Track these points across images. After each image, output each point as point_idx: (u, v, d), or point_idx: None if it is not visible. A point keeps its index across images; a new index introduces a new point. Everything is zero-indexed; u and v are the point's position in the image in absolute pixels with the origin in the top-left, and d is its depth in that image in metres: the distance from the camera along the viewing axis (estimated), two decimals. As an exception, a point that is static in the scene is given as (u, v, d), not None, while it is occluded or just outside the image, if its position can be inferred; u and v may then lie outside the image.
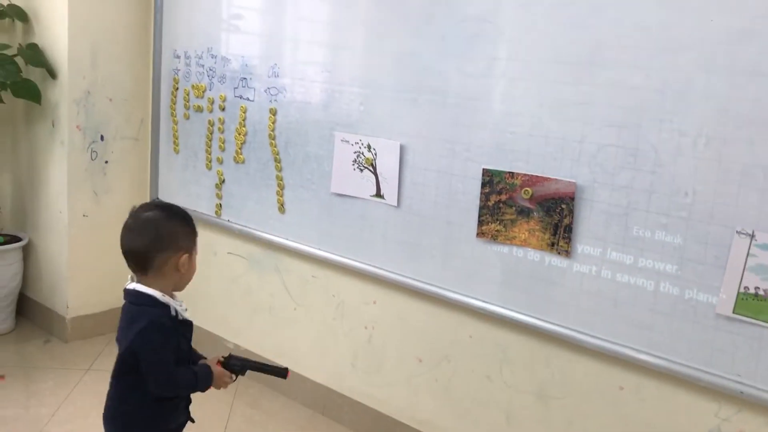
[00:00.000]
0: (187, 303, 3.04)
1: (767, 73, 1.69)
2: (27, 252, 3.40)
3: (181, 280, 1.76)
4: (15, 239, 3.34)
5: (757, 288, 1.74)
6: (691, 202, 1.82)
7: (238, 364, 1.87)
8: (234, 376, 1.87)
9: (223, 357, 1.87)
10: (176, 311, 1.71)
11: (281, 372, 1.94)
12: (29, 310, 3.47)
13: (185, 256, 1.72)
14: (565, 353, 2.14)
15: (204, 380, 1.77)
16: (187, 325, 1.79)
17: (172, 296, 1.74)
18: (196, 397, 1.84)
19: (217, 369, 1.82)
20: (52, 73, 3.10)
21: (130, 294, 1.70)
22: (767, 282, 1.72)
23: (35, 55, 3.09)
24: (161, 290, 1.70)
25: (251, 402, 2.90)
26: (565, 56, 2.00)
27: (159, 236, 1.69)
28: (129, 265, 1.71)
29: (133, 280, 1.71)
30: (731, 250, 1.76)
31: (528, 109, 2.08)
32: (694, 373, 1.87)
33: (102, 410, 1.77)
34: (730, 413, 1.86)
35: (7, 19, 3.22)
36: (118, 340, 1.71)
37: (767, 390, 1.76)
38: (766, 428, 1.81)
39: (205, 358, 1.87)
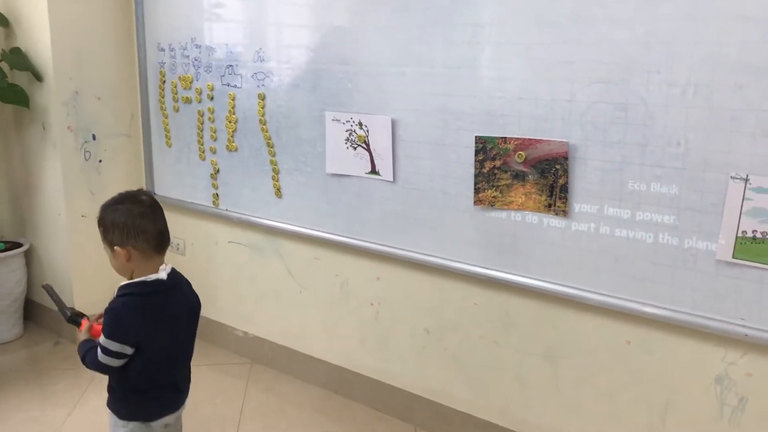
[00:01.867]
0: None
1: (752, 17, 1.69)
2: (29, 257, 3.41)
3: None
4: (16, 245, 3.34)
5: (754, 231, 1.75)
6: (684, 152, 1.83)
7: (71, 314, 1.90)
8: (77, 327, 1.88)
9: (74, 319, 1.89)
10: None
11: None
12: (36, 314, 3.49)
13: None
14: (571, 312, 2.16)
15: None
16: None
17: None
18: (209, 386, 1.88)
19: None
20: (38, 77, 3.09)
21: (176, 274, 1.82)
22: (764, 224, 1.73)
23: (19, 59, 3.08)
24: None
25: (265, 387, 2.92)
26: (547, 16, 1.99)
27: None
28: (161, 248, 1.77)
29: (164, 265, 1.78)
30: (727, 196, 1.77)
31: (516, 72, 2.08)
32: (699, 320, 1.89)
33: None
34: (736, 357, 1.88)
35: (-13, 26, 3.20)
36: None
37: (771, 331, 1.78)
38: (773, 368, 1.84)
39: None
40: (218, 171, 3.00)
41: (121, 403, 1.80)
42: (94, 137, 3.23)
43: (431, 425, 2.58)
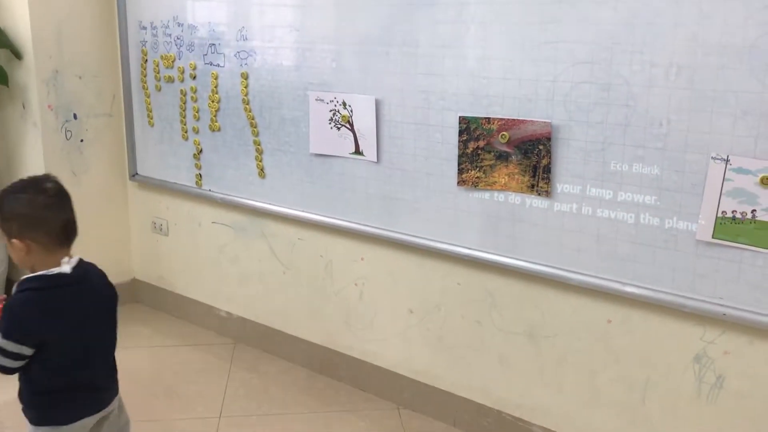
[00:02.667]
0: (177, 276, 3.06)
1: (733, -3, 1.69)
2: (10, 238, 3.37)
3: None
4: (-3, 226, 3.31)
5: (734, 211, 1.76)
6: (666, 132, 1.84)
7: None
8: None
9: None
10: None
11: None
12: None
13: None
14: (552, 292, 2.18)
15: None
16: None
17: None
18: (193, 365, 1.84)
19: None
20: (17, 54, 3.04)
21: (83, 265, 1.69)
22: (744, 205, 1.75)
23: (-2, 36, 3.03)
24: None
25: (249, 366, 2.93)
26: (532, -4, 1.99)
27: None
28: (66, 241, 1.66)
29: (67, 258, 1.65)
30: (707, 176, 1.79)
31: (499, 52, 2.08)
32: (679, 300, 1.91)
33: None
34: (715, 335, 1.91)
35: (-35, 2, 3.14)
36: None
37: (748, 310, 1.81)
38: (749, 347, 1.86)
39: None
40: (201, 151, 2.98)
41: (31, 408, 1.67)
42: (75, 116, 3.19)
43: (414, 404, 2.60)
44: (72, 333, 1.63)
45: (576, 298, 2.13)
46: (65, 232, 1.64)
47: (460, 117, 2.18)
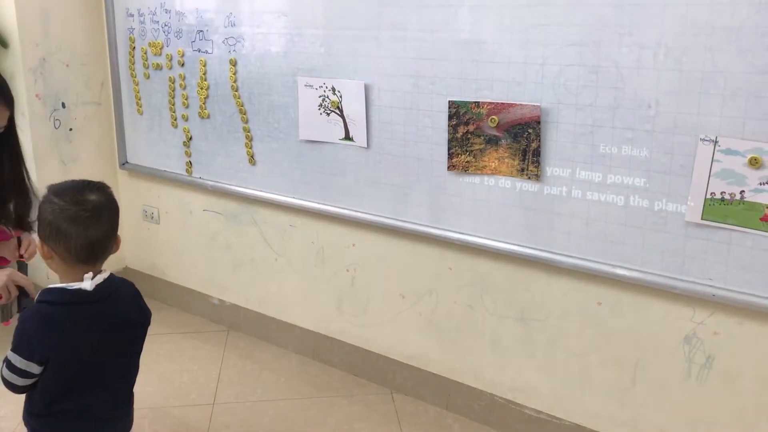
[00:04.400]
0: (169, 264, 3.04)
1: (721, -23, 1.69)
2: (1, 228, 3.36)
3: None
4: (-13, 216, 3.29)
5: (723, 193, 1.77)
6: (655, 114, 1.83)
7: None
8: None
9: None
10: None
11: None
12: (10, 286, 3.45)
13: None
14: (543, 276, 2.18)
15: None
16: None
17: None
18: (186, 352, 1.79)
19: None
20: (3, 43, 3.01)
21: (112, 284, 1.57)
22: (732, 186, 1.75)
23: (-17, 25, 2.99)
24: None
25: (242, 353, 2.94)
26: (521, -22, 1.98)
27: (116, 220, 1.56)
28: (87, 260, 1.52)
29: (92, 274, 1.52)
30: (696, 158, 1.79)
31: (488, 35, 2.07)
32: (668, 281, 1.92)
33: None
34: (704, 316, 1.92)
35: (-51, -9, 3.11)
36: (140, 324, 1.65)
37: (737, 291, 1.82)
38: (738, 327, 1.87)
39: None
40: (191, 138, 2.97)
41: (28, 428, 1.57)
42: (63, 105, 3.16)
43: (407, 389, 2.61)
44: (81, 355, 1.52)
45: (566, 280, 2.14)
46: (87, 251, 1.49)
47: (449, 101, 2.17)
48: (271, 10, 2.55)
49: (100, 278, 1.52)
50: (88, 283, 1.49)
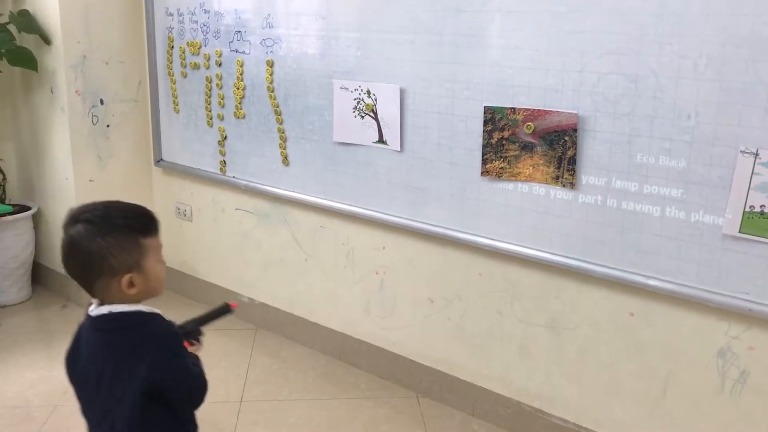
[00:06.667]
0: (200, 261, 3.02)
1: (766, -12, 1.66)
2: (37, 220, 3.43)
3: (145, 293, 1.39)
4: (24, 209, 3.37)
5: (762, 206, 1.74)
6: (694, 125, 1.82)
7: (192, 331, 1.64)
8: (196, 342, 1.63)
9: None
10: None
11: (225, 309, 1.72)
12: (44, 278, 3.53)
13: (127, 276, 1.34)
14: (574, 284, 2.17)
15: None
16: None
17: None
18: (214, 350, 1.78)
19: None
20: (46, 39, 3.08)
21: (103, 320, 1.36)
22: (772, 199, 1.72)
23: (27, 21, 3.06)
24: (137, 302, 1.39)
25: (270, 352, 2.96)
26: (560, -15, 1.97)
27: (89, 261, 1.32)
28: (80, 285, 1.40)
29: (97, 303, 1.39)
30: (735, 170, 1.77)
31: (526, 42, 2.06)
32: (703, 294, 1.89)
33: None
34: (739, 331, 1.89)
35: (-5, -12, 3.19)
36: (103, 379, 1.36)
37: (775, 306, 1.79)
38: (775, 342, 1.85)
39: None
40: (225, 138, 3.00)
41: None
42: (102, 102, 3.22)
43: (433, 393, 2.61)
44: (78, 391, 1.44)
45: (598, 290, 2.12)
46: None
47: (485, 107, 2.17)
48: (308, 12, 2.57)
49: (103, 309, 1.37)
50: (92, 307, 1.40)
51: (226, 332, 3.12)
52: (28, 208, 3.37)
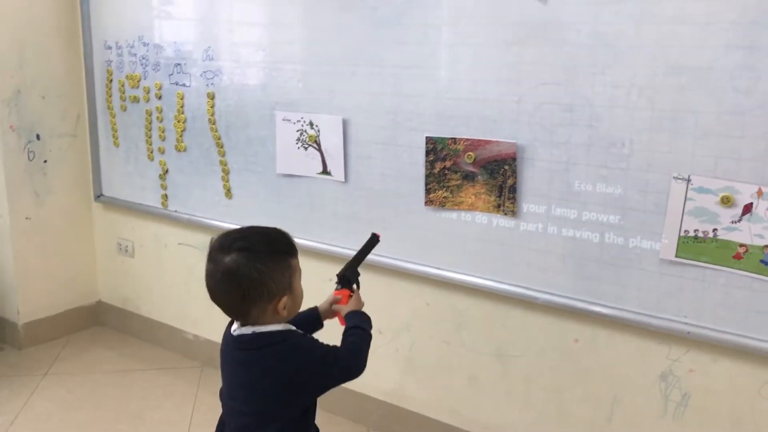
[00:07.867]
0: (143, 298, 2.97)
1: (690, 20, 1.72)
2: (-30, 260, 3.29)
3: (292, 312, 1.53)
4: (-44, 248, 3.23)
5: (696, 230, 1.78)
6: (629, 153, 1.85)
7: (351, 276, 1.80)
8: (356, 286, 1.78)
9: (336, 283, 1.80)
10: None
11: (374, 240, 1.85)
12: (-21, 320, 3.38)
13: (284, 299, 1.46)
14: (520, 312, 2.18)
15: (363, 316, 1.71)
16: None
17: None
18: (156, 391, 1.79)
19: (348, 299, 1.74)
20: (-22, 74, 2.99)
21: (243, 341, 1.49)
22: (705, 224, 1.77)
23: (-42, 56, 2.97)
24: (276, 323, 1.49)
25: (216, 391, 2.85)
26: (496, 18, 2.00)
27: (249, 288, 1.43)
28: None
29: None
30: (669, 196, 1.81)
31: (465, 74, 2.09)
32: (644, 319, 1.92)
33: (62, 414, 1.68)
34: (680, 353, 1.92)
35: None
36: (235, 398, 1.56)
37: (712, 328, 1.82)
38: (713, 365, 1.88)
39: (316, 307, 1.78)
40: (167, 171, 2.95)
41: None
42: (38, 137, 3.14)
43: (384, 426, 2.57)
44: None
45: (543, 317, 2.14)
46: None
47: (426, 137, 2.18)
48: (249, 44, 2.56)
49: (245, 330, 1.51)
50: (235, 325, 1.54)
51: (171, 371, 3.03)
52: (-39, 248, 3.24)
